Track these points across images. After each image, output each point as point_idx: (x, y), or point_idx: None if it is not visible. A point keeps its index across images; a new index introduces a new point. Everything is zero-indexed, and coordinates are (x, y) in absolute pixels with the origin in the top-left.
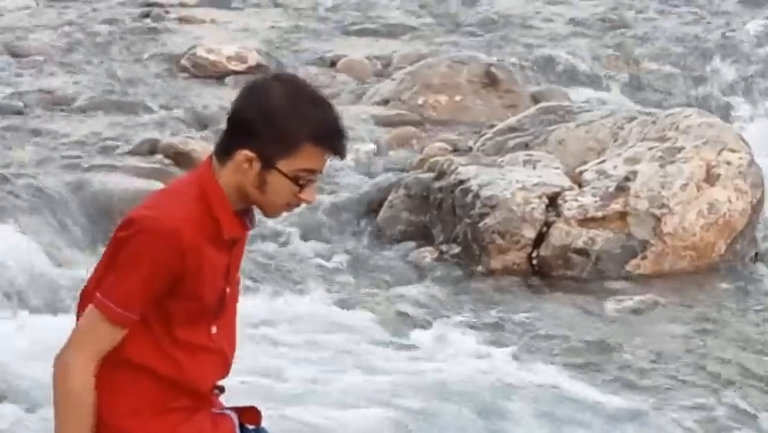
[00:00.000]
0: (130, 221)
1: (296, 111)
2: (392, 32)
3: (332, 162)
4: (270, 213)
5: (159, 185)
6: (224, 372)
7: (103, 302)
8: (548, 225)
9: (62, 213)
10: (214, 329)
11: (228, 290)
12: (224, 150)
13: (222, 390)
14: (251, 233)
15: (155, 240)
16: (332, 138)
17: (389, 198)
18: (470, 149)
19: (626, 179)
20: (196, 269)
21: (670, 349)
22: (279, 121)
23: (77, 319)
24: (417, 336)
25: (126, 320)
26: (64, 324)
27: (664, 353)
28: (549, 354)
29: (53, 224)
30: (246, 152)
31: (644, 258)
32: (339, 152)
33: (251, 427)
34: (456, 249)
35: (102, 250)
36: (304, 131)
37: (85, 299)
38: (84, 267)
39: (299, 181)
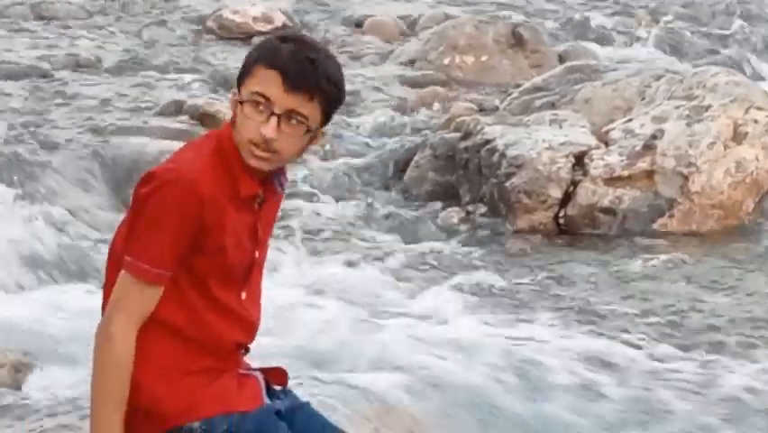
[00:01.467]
0: (150, 176)
1: (263, 43)
2: None
3: (358, 124)
4: (246, 156)
5: None
6: (249, 338)
7: (135, 264)
8: (574, 184)
9: (89, 174)
10: (243, 295)
11: (257, 254)
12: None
13: (247, 350)
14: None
15: (176, 190)
16: (281, 59)
17: (415, 158)
18: (497, 108)
19: (653, 137)
20: (217, 221)
21: (697, 307)
22: (249, 55)
23: (106, 279)
24: (445, 295)
25: (161, 278)
26: (92, 286)
27: (692, 311)
28: (576, 312)
29: (80, 185)
30: (232, 91)
31: (671, 217)
32: (289, 73)
33: (277, 387)
34: (483, 209)
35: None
36: (258, 54)
37: (112, 257)
38: (111, 228)
39: (249, 104)
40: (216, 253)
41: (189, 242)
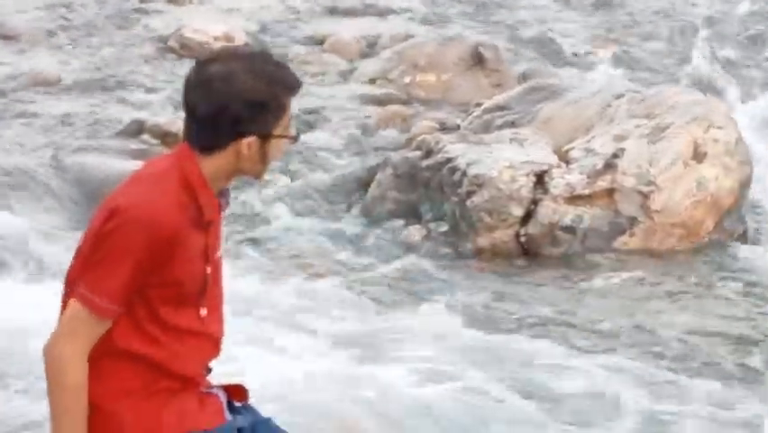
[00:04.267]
0: (111, 212)
1: (269, 80)
2: (380, 12)
3: (320, 142)
4: (264, 176)
5: None
6: (215, 354)
7: (88, 297)
8: (535, 202)
9: (48, 194)
10: (203, 312)
11: (209, 270)
12: (213, 144)
13: (209, 369)
14: (240, 213)
15: (139, 231)
16: (294, 81)
17: (377, 177)
18: (458, 127)
19: (614, 156)
20: (180, 254)
21: (656, 325)
22: (262, 97)
23: (63, 306)
24: (405, 314)
25: (113, 313)
26: (46, 303)
27: (651, 329)
28: (537, 331)
29: (39, 205)
30: (246, 141)
31: (631, 235)
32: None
33: (238, 404)
34: (444, 227)
35: None
36: (282, 91)
37: (69, 286)
38: (69, 249)
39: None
40: (172, 284)
41: (147, 278)
